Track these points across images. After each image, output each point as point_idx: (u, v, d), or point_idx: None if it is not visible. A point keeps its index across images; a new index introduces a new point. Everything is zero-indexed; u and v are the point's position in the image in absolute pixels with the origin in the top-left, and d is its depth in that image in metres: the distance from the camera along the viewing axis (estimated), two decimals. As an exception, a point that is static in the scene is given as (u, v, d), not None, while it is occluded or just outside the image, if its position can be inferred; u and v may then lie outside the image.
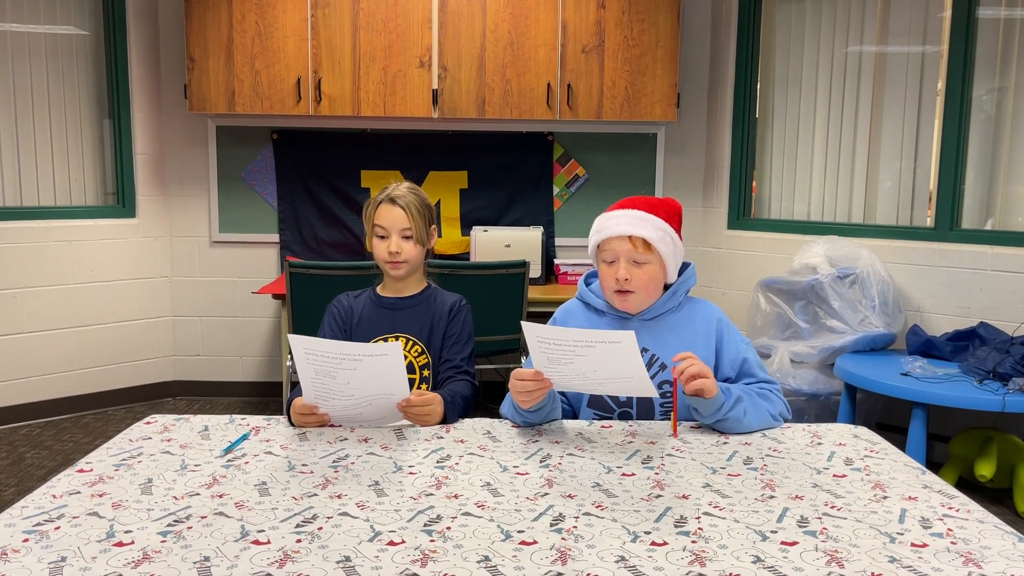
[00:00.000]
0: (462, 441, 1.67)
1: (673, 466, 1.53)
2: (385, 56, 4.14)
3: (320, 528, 1.25)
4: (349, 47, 4.13)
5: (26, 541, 1.20)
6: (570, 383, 1.69)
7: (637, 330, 1.83)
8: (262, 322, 4.64)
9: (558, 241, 4.62)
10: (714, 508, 1.33)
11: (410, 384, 1.72)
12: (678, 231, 1.85)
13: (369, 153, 4.53)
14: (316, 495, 1.38)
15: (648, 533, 1.24)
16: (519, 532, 1.24)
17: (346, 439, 1.68)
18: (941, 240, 3.71)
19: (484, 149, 4.55)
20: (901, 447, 1.70)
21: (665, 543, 1.20)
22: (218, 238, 4.57)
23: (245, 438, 1.68)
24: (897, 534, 1.24)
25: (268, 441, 1.66)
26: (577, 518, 1.29)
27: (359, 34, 4.12)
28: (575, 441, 1.67)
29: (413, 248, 2.02)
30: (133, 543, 1.19)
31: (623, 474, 1.49)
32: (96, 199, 4.41)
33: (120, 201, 4.43)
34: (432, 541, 1.21)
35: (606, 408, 1.86)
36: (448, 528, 1.25)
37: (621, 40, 4.16)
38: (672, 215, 1.84)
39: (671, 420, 1.78)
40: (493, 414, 1.88)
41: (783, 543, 1.21)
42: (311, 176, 4.53)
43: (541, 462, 1.55)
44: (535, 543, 1.20)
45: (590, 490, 1.41)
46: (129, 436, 1.69)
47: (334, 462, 1.54)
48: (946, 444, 3.53)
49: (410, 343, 2.03)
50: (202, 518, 1.28)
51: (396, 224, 2.00)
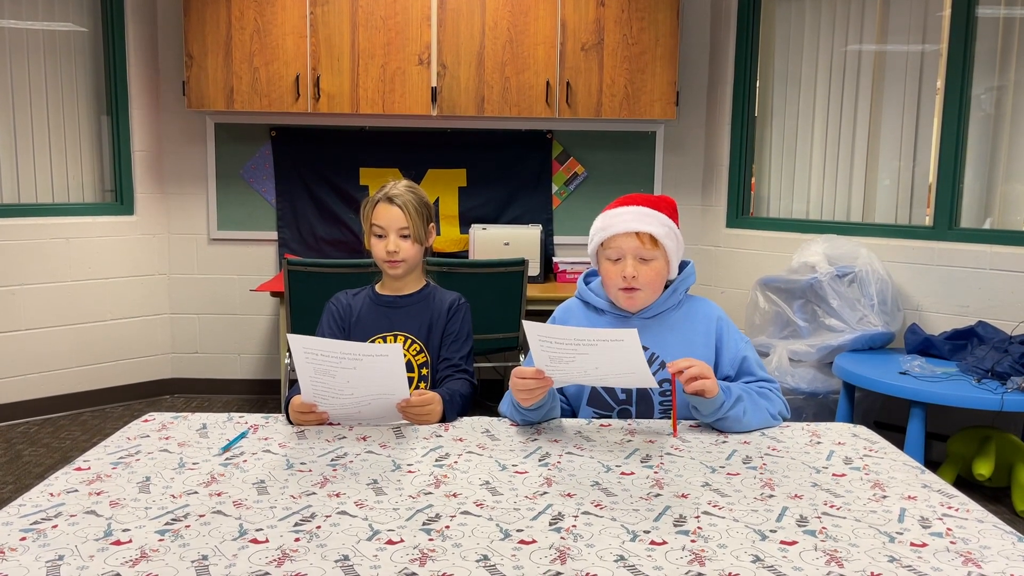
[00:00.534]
0: (461, 440, 1.67)
1: (672, 465, 1.53)
2: (384, 53, 4.13)
3: (318, 527, 1.24)
4: (348, 44, 4.12)
5: (23, 540, 1.19)
6: (571, 380, 1.69)
7: (637, 328, 1.83)
8: (260, 320, 4.64)
9: (557, 239, 4.62)
10: (713, 507, 1.33)
11: (408, 383, 1.72)
12: (677, 227, 1.86)
13: (368, 151, 4.53)
14: (314, 494, 1.37)
15: (647, 532, 1.23)
16: (518, 531, 1.24)
17: (344, 437, 1.68)
18: (940, 239, 3.71)
19: (483, 147, 4.54)
20: (899, 446, 1.70)
21: (664, 542, 1.20)
22: (216, 236, 4.57)
23: (243, 436, 1.67)
24: (896, 533, 1.24)
25: (266, 439, 1.66)
26: (576, 517, 1.29)
27: (358, 31, 4.12)
28: (574, 440, 1.67)
29: (411, 247, 2.02)
30: (131, 542, 1.19)
31: (622, 473, 1.48)
32: (94, 196, 4.40)
33: (118, 198, 4.42)
34: (431, 540, 1.20)
35: (605, 406, 1.86)
36: (447, 527, 1.25)
37: (620, 38, 4.16)
38: (672, 211, 1.85)
39: (671, 419, 1.78)
40: (492, 413, 1.88)
41: (782, 542, 1.21)
42: (310, 174, 4.53)
43: (540, 461, 1.55)
44: (534, 542, 1.20)
45: (589, 489, 1.40)
46: (127, 434, 1.69)
47: (332, 460, 1.54)
48: (944, 443, 3.54)
49: (409, 341, 2.02)
50: (200, 516, 1.28)
51: (394, 223, 2.00)
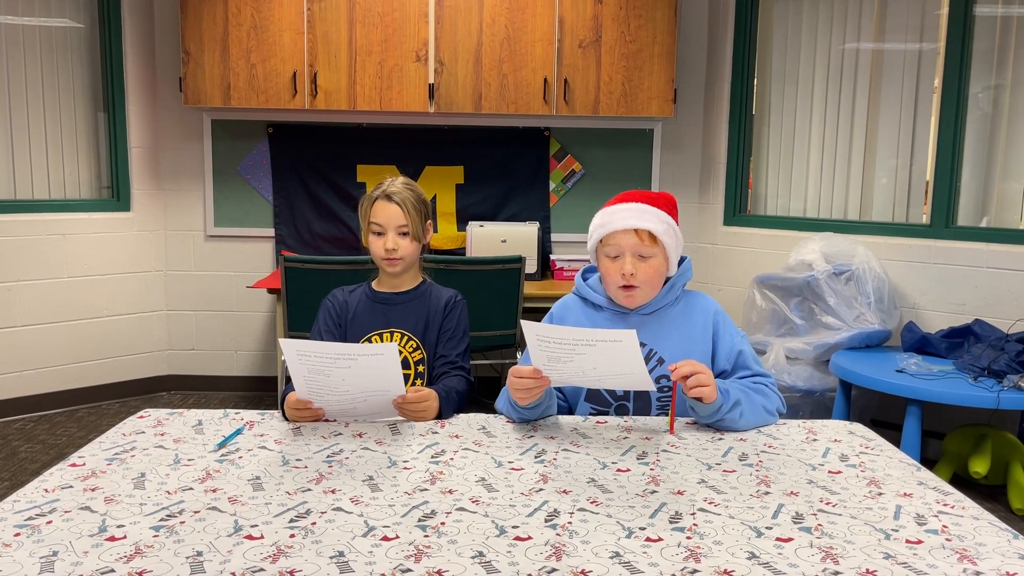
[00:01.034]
0: (457, 436, 1.67)
1: (668, 462, 1.53)
2: (381, 50, 4.12)
3: (314, 523, 1.24)
4: (345, 41, 4.11)
5: (17, 535, 1.19)
6: (569, 380, 1.69)
7: (635, 325, 1.83)
8: (257, 317, 4.63)
9: (554, 237, 4.62)
10: (709, 504, 1.33)
11: (405, 380, 1.71)
12: (677, 224, 1.85)
13: (365, 148, 4.52)
14: (310, 490, 1.37)
15: (643, 529, 1.23)
16: (513, 527, 1.23)
17: (340, 434, 1.67)
18: (937, 237, 3.71)
19: (480, 144, 4.54)
20: (895, 444, 1.70)
21: (660, 539, 1.20)
22: (213, 232, 4.56)
23: (239, 433, 1.67)
24: (892, 531, 1.24)
25: (262, 436, 1.66)
26: (572, 514, 1.28)
27: (355, 28, 4.11)
28: (570, 437, 1.67)
29: (409, 245, 2.02)
30: (125, 538, 1.19)
31: (618, 470, 1.48)
32: (90, 193, 4.40)
33: (115, 195, 4.41)
34: (426, 536, 1.20)
35: (603, 403, 1.86)
36: (442, 523, 1.25)
37: (618, 35, 4.15)
38: (671, 208, 1.84)
39: (668, 416, 1.78)
40: (489, 410, 1.88)
41: (778, 539, 1.20)
42: (307, 170, 4.52)
43: (536, 457, 1.55)
44: (530, 539, 1.20)
45: (585, 486, 1.40)
46: (122, 430, 1.68)
47: (328, 457, 1.54)
48: (940, 441, 3.54)
49: (405, 338, 2.02)
50: (195, 513, 1.27)
51: (392, 221, 1.99)
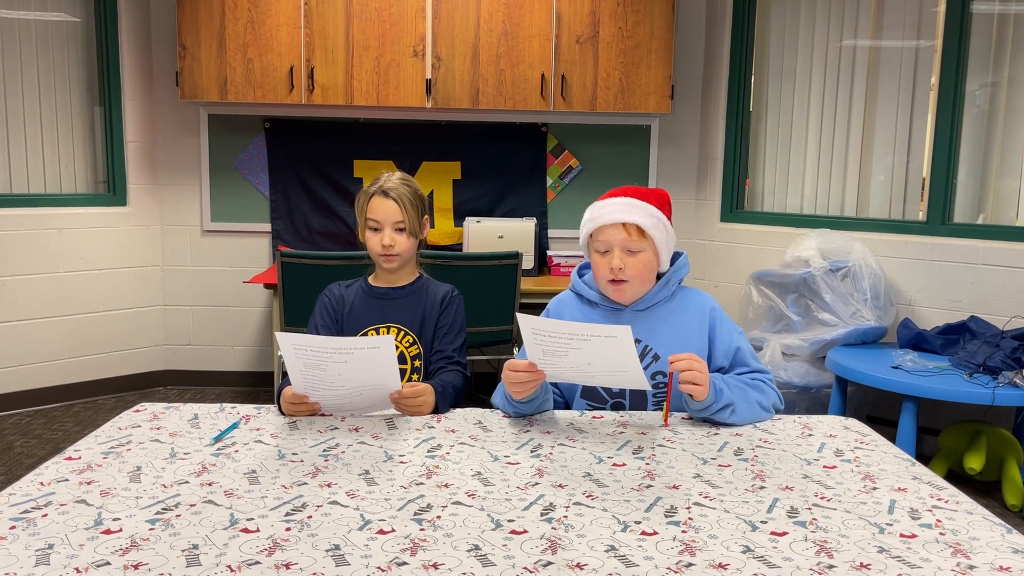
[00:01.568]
0: (453, 431, 1.67)
1: (664, 456, 1.53)
2: (378, 45, 4.12)
3: (310, 517, 1.24)
4: (342, 36, 4.11)
5: (13, 528, 1.19)
6: (563, 375, 1.69)
7: (630, 320, 1.84)
8: (253, 312, 4.63)
9: (551, 232, 4.62)
10: (704, 498, 1.33)
11: (401, 374, 1.71)
12: (669, 219, 1.85)
13: (362, 143, 4.51)
14: (306, 484, 1.37)
15: (638, 523, 1.24)
16: (509, 521, 1.24)
17: (337, 428, 1.67)
18: (933, 234, 3.72)
19: (477, 140, 4.54)
20: (891, 440, 1.70)
21: (655, 532, 1.20)
22: (210, 227, 4.55)
23: (235, 427, 1.67)
24: (886, 525, 1.25)
25: (258, 430, 1.66)
26: (567, 508, 1.29)
27: (352, 23, 4.10)
28: (566, 431, 1.67)
29: (406, 240, 2.01)
30: (121, 531, 1.19)
31: (614, 464, 1.48)
32: (87, 187, 4.39)
33: (111, 189, 4.40)
34: (422, 530, 1.20)
35: (599, 399, 1.86)
36: (438, 517, 1.25)
37: (615, 31, 4.15)
38: (663, 203, 1.84)
39: (663, 410, 1.78)
40: (485, 405, 1.88)
41: (773, 533, 1.21)
42: (304, 165, 4.51)
43: (532, 452, 1.55)
44: (525, 532, 1.20)
45: (581, 480, 1.41)
46: (118, 424, 1.68)
47: (324, 451, 1.54)
48: (936, 437, 3.55)
49: (402, 333, 2.02)
50: (191, 506, 1.27)
51: (389, 217, 1.99)
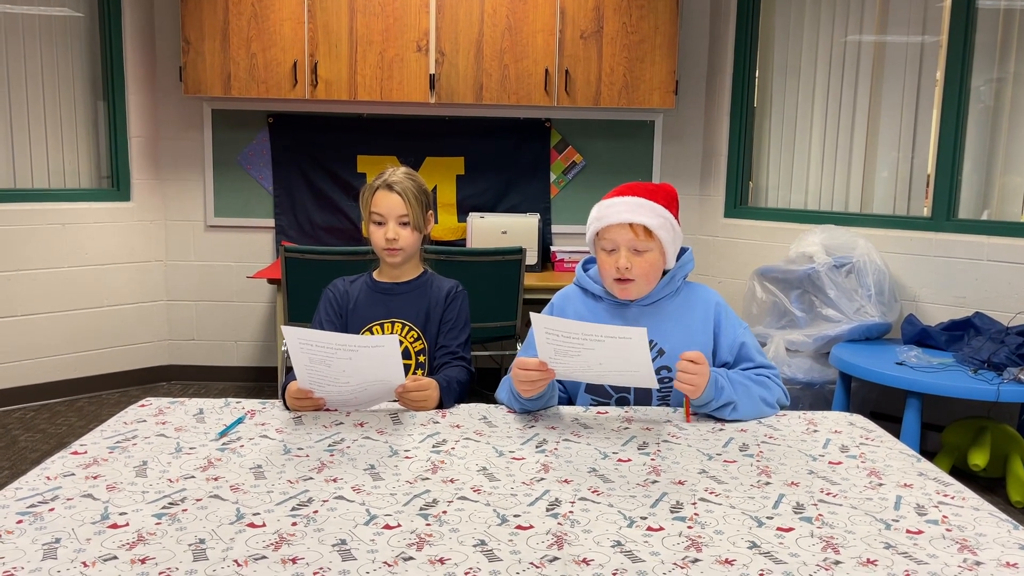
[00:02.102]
0: (458, 426, 1.67)
1: (669, 452, 1.53)
2: (382, 40, 4.11)
3: (315, 511, 1.24)
4: (346, 31, 4.10)
5: (20, 523, 1.19)
6: (574, 374, 1.69)
7: (635, 316, 1.84)
8: (257, 307, 4.63)
9: (555, 228, 4.61)
10: (710, 494, 1.33)
11: (406, 370, 1.71)
12: (676, 216, 1.84)
13: (365, 138, 4.51)
14: (312, 479, 1.37)
15: (644, 518, 1.24)
16: (515, 516, 1.24)
17: (342, 423, 1.67)
18: (937, 230, 3.71)
19: (481, 135, 4.53)
20: (895, 436, 1.70)
21: (661, 528, 1.20)
22: (213, 222, 4.55)
23: (240, 421, 1.67)
24: (892, 521, 1.24)
25: (263, 425, 1.66)
26: (573, 503, 1.29)
27: (356, 18, 4.10)
28: (571, 427, 1.67)
29: (410, 235, 2.01)
30: (128, 525, 1.19)
31: (619, 460, 1.48)
32: (90, 182, 4.39)
33: (114, 184, 4.41)
34: (428, 525, 1.20)
35: (604, 394, 1.86)
36: (444, 512, 1.25)
37: (620, 26, 4.14)
38: (670, 201, 1.83)
39: (676, 407, 1.79)
40: (488, 401, 1.88)
41: (779, 529, 1.21)
42: (307, 161, 4.51)
43: (537, 447, 1.55)
44: (531, 527, 1.20)
45: (586, 475, 1.41)
46: (124, 419, 1.68)
47: (329, 446, 1.54)
48: (940, 433, 3.55)
49: (406, 328, 2.02)
50: (197, 501, 1.28)
51: (393, 211, 1.99)
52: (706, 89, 4.51)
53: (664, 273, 1.87)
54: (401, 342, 1.67)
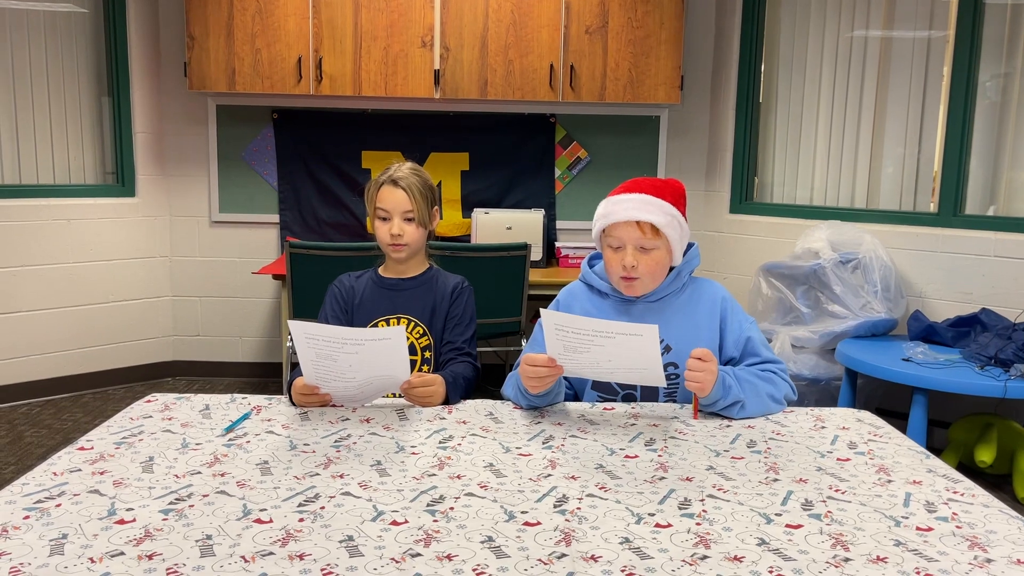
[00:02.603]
0: (464, 422, 1.67)
1: (676, 448, 1.52)
2: (387, 35, 4.10)
3: (322, 507, 1.24)
4: (351, 26, 4.09)
5: (27, 518, 1.19)
6: (582, 371, 1.68)
7: (641, 312, 1.83)
8: (262, 303, 4.63)
9: (559, 224, 4.61)
10: (718, 491, 1.33)
11: (411, 365, 1.71)
12: (683, 213, 1.83)
13: (370, 134, 4.50)
14: (318, 475, 1.37)
15: (652, 515, 1.23)
16: (523, 513, 1.23)
17: (348, 419, 1.67)
18: (944, 226, 3.69)
19: (486, 130, 4.52)
20: (901, 432, 1.70)
21: (670, 525, 1.20)
22: (218, 218, 4.55)
23: (246, 417, 1.67)
24: (902, 518, 1.24)
25: (270, 420, 1.66)
26: (581, 499, 1.28)
27: (361, 13, 4.09)
28: (578, 423, 1.67)
29: (415, 230, 2.00)
30: (135, 521, 1.19)
31: (626, 456, 1.48)
32: (95, 178, 4.39)
33: (119, 180, 4.41)
34: (435, 521, 1.20)
35: (611, 391, 1.85)
36: (451, 508, 1.24)
37: (625, 21, 4.13)
38: (678, 197, 1.82)
39: (684, 404, 1.79)
40: (494, 397, 1.87)
41: (788, 526, 1.20)
42: (312, 156, 4.51)
43: (544, 443, 1.54)
44: (539, 524, 1.20)
45: (593, 472, 1.40)
46: (130, 414, 1.68)
47: (336, 442, 1.53)
48: (946, 430, 3.54)
49: (412, 324, 2.02)
50: (203, 496, 1.27)
51: (398, 206, 1.98)
52: (711, 84, 4.50)
53: (670, 270, 1.87)
54: (407, 338, 1.66)
